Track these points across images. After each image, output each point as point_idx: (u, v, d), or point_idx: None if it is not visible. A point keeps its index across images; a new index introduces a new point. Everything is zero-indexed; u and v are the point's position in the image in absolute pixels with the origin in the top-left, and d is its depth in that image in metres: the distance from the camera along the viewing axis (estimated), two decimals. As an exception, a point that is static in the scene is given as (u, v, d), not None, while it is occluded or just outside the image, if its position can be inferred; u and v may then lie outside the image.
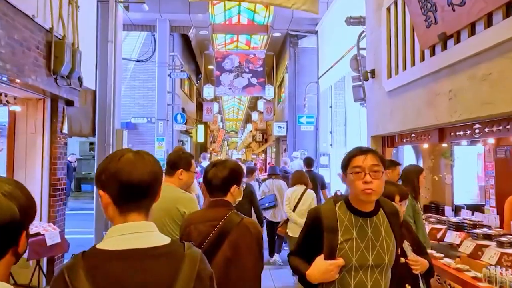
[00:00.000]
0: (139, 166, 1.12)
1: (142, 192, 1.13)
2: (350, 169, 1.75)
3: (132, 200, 1.12)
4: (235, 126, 45.79)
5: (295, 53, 14.01)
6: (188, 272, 1.09)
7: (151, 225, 1.15)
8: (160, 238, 1.14)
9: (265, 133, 22.09)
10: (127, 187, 1.10)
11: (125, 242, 1.08)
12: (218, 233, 1.93)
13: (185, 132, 16.58)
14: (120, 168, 1.11)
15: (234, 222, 1.95)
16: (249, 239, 1.93)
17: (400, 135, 5.19)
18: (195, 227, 1.99)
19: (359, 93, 7.73)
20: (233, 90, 14.24)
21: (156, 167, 1.17)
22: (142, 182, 1.12)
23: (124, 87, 13.65)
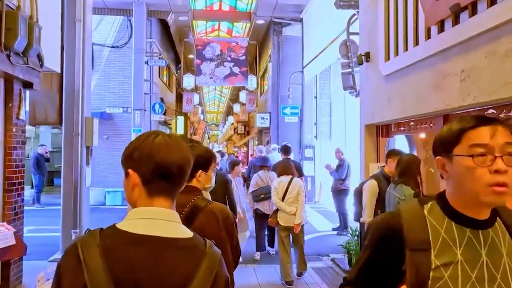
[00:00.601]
0: (175, 148, 1.07)
1: (175, 175, 1.07)
2: (463, 149, 1.03)
3: (163, 182, 1.06)
4: (216, 119, 45.06)
5: (279, 42, 13.52)
6: (207, 273, 1.02)
7: (175, 215, 1.09)
8: (182, 230, 1.07)
9: (247, 125, 21.58)
10: (162, 167, 1.05)
11: (148, 227, 1.01)
12: (183, 219, 1.72)
13: (164, 124, 15.89)
14: (156, 147, 1.05)
15: (199, 207, 1.86)
16: (215, 225, 1.85)
17: (397, 124, 4.80)
18: None
19: (349, 81, 7.32)
20: (215, 80, 13.64)
21: (188, 152, 1.11)
22: (177, 165, 1.07)
23: (98, 75, 12.89)
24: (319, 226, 8.51)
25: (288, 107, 12.44)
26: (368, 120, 5.20)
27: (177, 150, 1.07)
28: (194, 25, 14.63)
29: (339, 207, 7.77)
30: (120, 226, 1.01)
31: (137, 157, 1.06)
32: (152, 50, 12.41)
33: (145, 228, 1.01)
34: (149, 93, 12.37)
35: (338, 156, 7.84)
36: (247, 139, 22.43)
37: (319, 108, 12.68)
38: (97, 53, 12.93)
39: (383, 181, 3.76)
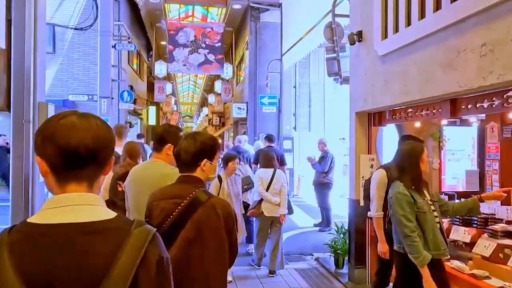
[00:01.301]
0: (80, 129, 0.96)
1: (82, 159, 0.96)
2: None
3: (71, 167, 0.96)
4: (190, 110, 43.98)
5: (257, 28, 12.88)
6: (131, 255, 0.91)
7: (94, 198, 0.99)
8: (104, 213, 0.97)
9: (223, 116, 20.89)
10: (65, 152, 0.94)
11: (59, 216, 0.93)
12: (181, 211, 1.76)
13: (134, 113, 14.99)
14: (58, 130, 0.95)
15: (200, 201, 1.78)
16: (214, 220, 1.77)
17: (392, 111, 4.31)
18: (157, 204, 1.83)
19: (333, 67, 6.81)
20: (188, 67, 12.87)
21: (103, 131, 1.00)
22: (83, 147, 0.95)
23: (60, 59, 11.88)
24: (300, 221, 8.04)
25: (266, 96, 11.87)
26: (359, 107, 4.70)
27: (84, 130, 0.96)
28: (166, 8, 13.76)
29: (321, 201, 7.31)
30: (31, 219, 0.95)
31: (40, 143, 0.97)
32: (121, 33, 11.51)
33: (55, 217, 0.93)
34: (117, 79, 11.48)
35: (321, 148, 7.35)
36: (222, 131, 21.74)
37: (298, 98, 12.18)
38: (60, 35, 11.91)
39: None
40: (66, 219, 0.92)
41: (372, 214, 3.48)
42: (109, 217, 0.96)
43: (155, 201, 1.85)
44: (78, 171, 0.97)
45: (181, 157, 1.86)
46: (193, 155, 1.84)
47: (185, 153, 1.85)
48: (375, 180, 3.45)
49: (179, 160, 1.89)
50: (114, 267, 0.90)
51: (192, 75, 27.53)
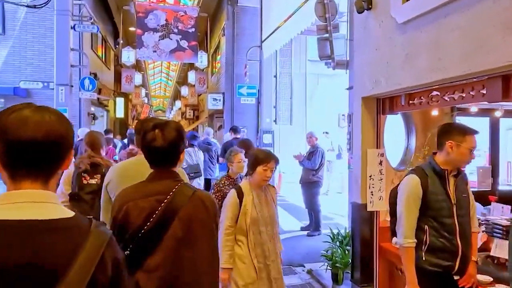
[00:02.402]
0: (33, 122, 0.89)
1: (35, 154, 0.90)
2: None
3: (22, 164, 0.90)
4: (162, 104, 42.39)
5: (234, 13, 11.88)
6: (91, 254, 0.88)
7: (49, 195, 0.93)
8: (60, 211, 0.92)
9: (197, 109, 19.77)
10: (14, 147, 0.88)
11: (13, 212, 0.87)
12: (165, 209, 1.56)
13: (99, 104, 13.68)
14: (8, 125, 0.88)
15: (186, 195, 1.61)
16: (204, 215, 1.64)
17: (409, 95, 3.48)
18: (135, 204, 1.58)
19: (325, 49, 5.98)
20: (159, 54, 11.72)
21: (59, 125, 0.92)
22: (35, 142, 0.88)
23: (11, 42, 10.50)
24: (285, 224, 7.18)
25: (244, 86, 10.92)
26: (367, 91, 3.85)
27: (36, 123, 0.89)
28: (134, -10, 12.53)
29: (310, 202, 6.48)
30: None
31: None
32: (82, 13, 10.22)
33: (12, 213, 0.86)
34: (77, 65, 10.20)
35: (311, 142, 6.51)
36: (196, 125, 20.63)
37: (279, 89, 11.32)
38: (10, 14, 10.51)
39: (433, 177, 2.34)
40: (22, 216, 0.86)
41: (399, 242, 2.41)
42: (67, 216, 0.92)
43: (130, 201, 1.60)
44: (31, 168, 0.91)
45: (159, 149, 1.62)
46: (173, 146, 1.64)
47: (164, 145, 1.62)
48: (403, 191, 2.41)
49: (156, 153, 1.65)
50: (72, 267, 0.85)
51: (164, 66, 26.19)
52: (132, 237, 1.53)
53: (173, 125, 1.70)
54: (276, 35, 10.05)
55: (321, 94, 12.56)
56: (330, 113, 12.63)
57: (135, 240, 1.53)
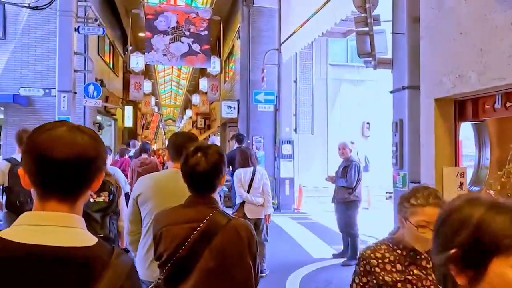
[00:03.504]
0: (67, 142, 0.88)
1: (66, 175, 0.89)
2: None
3: (52, 183, 0.89)
4: (173, 114, 41.83)
5: (250, 14, 11.07)
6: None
7: (75, 219, 0.91)
8: (82, 238, 0.89)
9: (208, 118, 18.94)
10: (45, 166, 0.87)
11: (34, 235, 0.84)
12: (198, 237, 1.51)
13: (106, 113, 12.92)
14: (42, 141, 0.88)
15: (220, 224, 1.55)
16: (238, 245, 1.56)
17: (507, 95, 2.54)
18: (168, 230, 1.58)
19: (365, 45, 5.08)
20: (169, 58, 10.93)
21: (91, 147, 0.92)
22: (66, 162, 0.87)
23: (13, 46, 9.80)
24: (313, 250, 6.20)
25: (261, 92, 10.05)
26: (443, 91, 2.92)
27: (70, 143, 0.89)
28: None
29: (345, 224, 5.51)
30: (3, 234, 0.84)
31: (24, 154, 0.91)
32: (88, 15, 9.50)
33: (29, 235, 0.84)
34: (81, 70, 9.44)
35: (345, 154, 5.56)
36: (208, 134, 19.80)
37: (299, 95, 10.41)
38: (12, 17, 9.83)
39: None
40: (44, 241, 0.84)
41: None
42: (90, 244, 0.89)
43: (165, 226, 1.58)
44: (61, 189, 0.90)
45: (200, 174, 1.58)
46: (216, 172, 1.61)
47: (205, 170, 1.57)
48: None
49: (196, 178, 1.60)
50: None
51: (174, 75, 25.55)
52: (165, 263, 1.53)
53: (215, 148, 1.67)
54: (296, 37, 9.20)
55: (344, 100, 11.63)
56: (353, 121, 11.67)
57: (167, 267, 1.52)
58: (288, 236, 7.08)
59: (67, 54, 8.73)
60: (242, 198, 4.67)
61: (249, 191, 4.67)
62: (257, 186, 4.69)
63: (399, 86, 4.79)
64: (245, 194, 4.64)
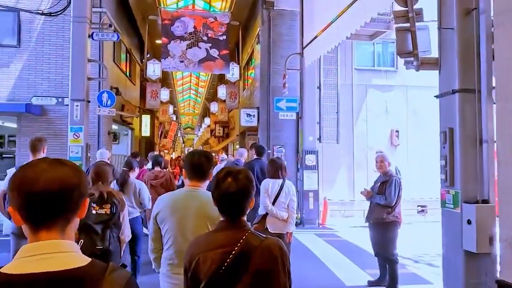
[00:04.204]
0: (47, 174, 0.96)
1: (50, 205, 0.96)
2: None
3: (39, 215, 0.96)
4: (191, 122, 41.70)
5: (270, 18, 10.55)
6: None
7: (65, 245, 0.97)
8: (75, 260, 0.96)
9: (227, 127, 18.46)
10: (30, 198, 0.94)
11: (31, 265, 0.92)
12: (233, 261, 1.52)
13: (122, 122, 12.58)
14: (24, 177, 0.96)
15: (253, 246, 1.54)
16: (273, 265, 1.54)
17: None
18: (204, 256, 1.57)
19: (406, 43, 4.43)
20: (186, 64, 10.49)
21: (72, 176, 0.99)
22: (49, 192, 0.95)
23: (27, 54, 9.54)
24: (345, 275, 5.51)
25: (283, 99, 9.45)
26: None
27: (50, 175, 0.96)
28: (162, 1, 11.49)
29: (382, 248, 4.81)
30: (4, 269, 0.93)
31: (10, 192, 0.98)
32: (103, 21, 9.16)
33: (26, 266, 0.92)
34: (96, 78, 9.09)
35: (383, 168, 4.89)
36: (227, 143, 19.31)
37: (324, 102, 9.77)
38: (26, 25, 9.59)
39: None
40: (39, 268, 0.92)
41: None
42: (81, 264, 0.95)
43: (200, 253, 1.59)
44: (48, 219, 0.97)
45: (232, 199, 1.61)
46: (246, 197, 1.63)
47: (237, 195, 1.61)
48: None
49: (228, 203, 1.63)
50: None
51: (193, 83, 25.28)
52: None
53: (244, 173, 1.69)
54: (320, 40, 8.60)
55: (370, 107, 10.91)
56: (381, 129, 10.92)
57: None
58: (314, 257, 6.41)
59: (81, 61, 8.38)
60: (266, 210, 4.43)
61: (273, 204, 4.43)
62: (283, 201, 4.43)
63: (448, 90, 4.12)
64: (270, 206, 4.42)
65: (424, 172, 10.37)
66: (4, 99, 9.35)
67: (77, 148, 8.23)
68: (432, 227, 9.22)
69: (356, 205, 10.41)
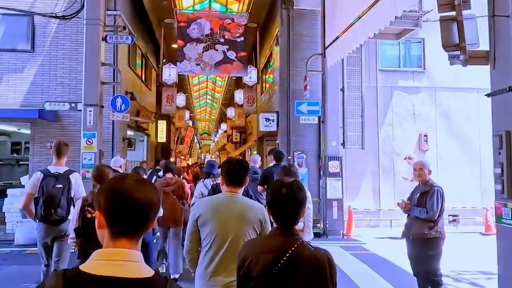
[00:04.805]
0: (141, 191, 1.11)
1: (138, 218, 1.11)
2: None
3: (126, 224, 1.10)
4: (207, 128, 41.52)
5: (290, 18, 10.10)
6: None
7: (138, 255, 1.11)
8: (143, 270, 1.09)
9: (244, 132, 18.03)
10: (125, 210, 1.08)
11: (108, 268, 1.05)
12: (283, 267, 1.60)
13: (137, 128, 12.29)
14: (123, 190, 1.09)
15: (303, 255, 1.61)
16: (322, 276, 1.59)
17: None
18: (256, 258, 1.69)
19: (452, 34, 3.90)
20: (203, 67, 10.12)
21: (154, 194, 1.15)
22: (142, 207, 1.10)
23: (41, 59, 9.34)
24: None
25: (304, 102, 8.95)
26: None
27: (142, 192, 1.10)
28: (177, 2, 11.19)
29: (423, 268, 4.24)
30: (83, 268, 1.04)
31: (104, 200, 1.09)
32: (117, 24, 8.89)
33: (107, 269, 1.04)
34: (110, 82, 8.79)
35: (422, 176, 4.33)
36: (244, 149, 18.88)
37: (347, 105, 9.24)
38: (40, 29, 9.40)
39: None
40: (115, 273, 1.03)
41: None
42: (149, 275, 1.07)
43: (253, 255, 1.70)
44: (131, 228, 1.10)
45: (287, 209, 1.71)
46: (299, 207, 1.72)
47: (291, 205, 1.71)
48: None
49: (284, 213, 1.73)
50: None
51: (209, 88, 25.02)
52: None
53: (297, 184, 1.77)
54: (344, 39, 8.08)
55: (396, 110, 10.30)
56: (408, 134, 10.29)
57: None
58: (341, 273, 5.85)
59: (94, 65, 8.09)
60: None
61: None
62: None
63: (503, 87, 3.57)
64: None
65: (455, 180, 9.68)
66: (18, 105, 9.16)
67: (90, 155, 7.92)
68: (465, 239, 8.54)
69: (383, 214, 9.79)
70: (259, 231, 2.33)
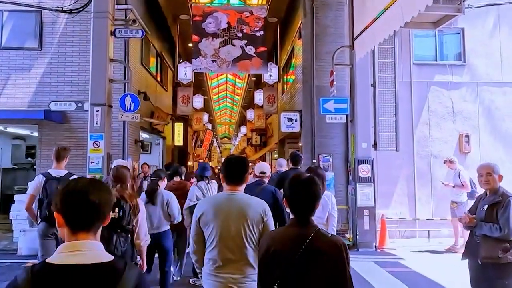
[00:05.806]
0: (92, 190, 1.27)
1: (92, 214, 1.27)
2: None
3: (82, 221, 1.27)
4: (228, 131, 40.98)
5: (313, 8, 9.26)
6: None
7: (96, 244, 1.28)
8: (104, 256, 1.26)
9: (264, 134, 17.23)
10: (80, 208, 1.25)
11: (70, 258, 1.21)
12: (304, 252, 1.74)
13: (152, 131, 11.67)
14: (76, 191, 1.26)
15: (322, 240, 1.78)
16: (341, 258, 1.74)
17: None
18: (277, 248, 1.82)
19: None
20: (219, 64, 9.40)
21: (107, 193, 1.33)
22: (94, 205, 1.26)
23: (49, 57, 8.82)
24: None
25: (331, 100, 8.07)
26: None
27: (93, 191, 1.28)
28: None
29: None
30: (49, 260, 1.22)
31: (59, 201, 1.27)
32: (128, 18, 8.27)
33: (71, 259, 1.21)
34: (119, 80, 8.17)
35: (490, 183, 3.40)
36: (264, 152, 18.07)
37: (379, 102, 8.30)
38: (49, 25, 8.91)
39: None
40: (78, 261, 1.21)
41: None
42: (108, 260, 1.25)
43: (274, 244, 1.82)
44: (87, 223, 1.28)
45: (306, 202, 1.87)
46: (316, 200, 1.89)
47: (310, 199, 1.87)
48: None
49: (302, 205, 1.88)
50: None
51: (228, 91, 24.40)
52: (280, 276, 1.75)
53: (312, 180, 1.91)
54: (375, 28, 7.18)
55: (433, 108, 9.29)
56: (447, 134, 9.25)
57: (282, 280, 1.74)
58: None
59: (102, 60, 7.48)
60: None
61: None
62: (320, 216, 3.84)
63: None
64: None
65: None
66: (26, 106, 8.67)
67: (98, 159, 7.27)
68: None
69: (419, 224, 8.76)
70: (261, 226, 2.37)
